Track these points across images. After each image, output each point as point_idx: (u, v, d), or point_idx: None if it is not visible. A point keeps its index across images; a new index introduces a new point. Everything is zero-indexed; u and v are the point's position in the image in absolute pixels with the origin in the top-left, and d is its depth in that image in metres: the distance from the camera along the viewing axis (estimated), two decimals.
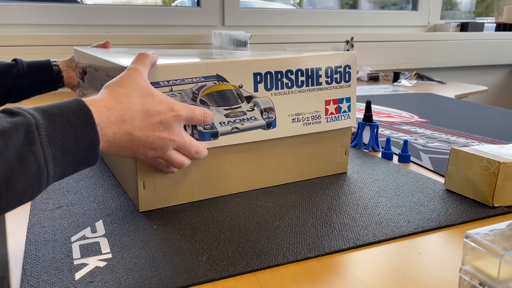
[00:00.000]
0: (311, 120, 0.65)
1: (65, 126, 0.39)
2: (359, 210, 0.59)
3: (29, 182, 0.37)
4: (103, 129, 0.43)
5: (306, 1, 2.35)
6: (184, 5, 2.07)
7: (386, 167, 0.76)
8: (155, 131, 0.47)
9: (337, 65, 0.66)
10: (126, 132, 0.45)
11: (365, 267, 0.46)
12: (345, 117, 0.69)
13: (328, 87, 0.66)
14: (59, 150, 0.39)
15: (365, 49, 1.96)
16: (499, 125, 1.09)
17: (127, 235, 0.52)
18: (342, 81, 0.67)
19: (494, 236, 0.39)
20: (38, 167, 0.37)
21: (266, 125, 0.61)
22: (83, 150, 0.41)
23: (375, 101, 1.37)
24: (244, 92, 0.59)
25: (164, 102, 0.49)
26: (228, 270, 0.44)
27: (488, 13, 2.88)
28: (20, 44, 1.41)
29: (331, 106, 0.67)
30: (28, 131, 0.37)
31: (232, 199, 0.62)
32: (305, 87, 0.64)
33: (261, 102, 0.60)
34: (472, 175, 0.61)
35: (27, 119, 0.37)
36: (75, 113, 0.40)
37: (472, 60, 2.26)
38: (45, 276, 0.43)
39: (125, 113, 0.45)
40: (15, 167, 0.36)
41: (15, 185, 0.36)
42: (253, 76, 0.59)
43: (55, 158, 0.39)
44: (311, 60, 0.64)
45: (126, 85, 0.47)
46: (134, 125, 0.46)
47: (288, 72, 0.62)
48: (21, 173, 0.36)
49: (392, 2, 2.35)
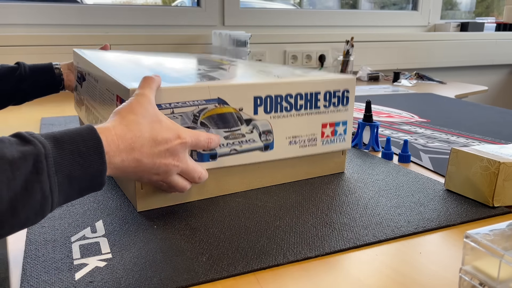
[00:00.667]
0: (307, 142, 0.67)
1: (74, 154, 0.40)
2: (359, 210, 0.59)
3: (33, 210, 0.38)
4: (112, 158, 0.44)
5: (306, 1, 2.36)
6: (184, 5, 2.07)
7: (386, 167, 0.76)
8: (161, 158, 0.49)
9: (336, 89, 0.67)
10: (135, 159, 0.47)
11: (365, 267, 0.46)
12: (341, 140, 0.70)
13: (326, 111, 0.67)
14: (65, 178, 0.40)
15: (365, 49, 1.96)
16: (499, 125, 1.09)
17: (127, 235, 0.52)
18: (339, 105, 0.68)
19: (494, 236, 0.39)
20: (43, 196, 0.38)
21: (264, 147, 0.63)
22: (89, 178, 0.42)
23: (375, 101, 1.37)
24: (244, 115, 0.60)
25: (171, 129, 0.50)
26: (228, 270, 0.44)
27: (488, 13, 2.88)
28: (20, 44, 1.41)
29: (328, 129, 0.68)
30: (36, 161, 0.38)
31: (232, 199, 0.62)
32: (304, 110, 0.65)
33: (260, 125, 0.61)
34: (472, 175, 0.61)
35: (37, 149, 0.38)
36: (85, 141, 0.41)
37: (472, 60, 2.26)
38: (45, 276, 0.43)
39: (135, 140, 0.47)
40: (20, 196, 0.36)
41: (20, 213, 0.37)
42: (253, 99, 0.60)
43: (60, 186, 0.39)
44: (311, 84, 0.65)
45: (136, 112, 0.48)
46: (142, 152, 0.47)
47: (288, 96, 0.63)
48: (26, 202, 0.37)
49: (392, 2, 2.35)
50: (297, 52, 1.85)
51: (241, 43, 1.54)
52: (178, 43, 1.65)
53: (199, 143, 0.53)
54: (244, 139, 0.60)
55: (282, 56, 1.83)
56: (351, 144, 0.87)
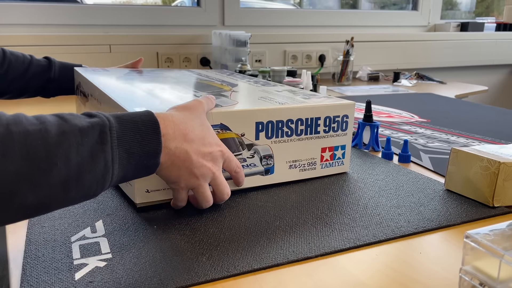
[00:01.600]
0: (307, 166, 0.68)
1: (134, 132, 0.43)
2: (359, 210, 0.59)
3: (96, 178, 0.40)
4: (167, 141, 0.46)
5: (306, 1, 2.36)
6: (184, 5, 2.07)
7: (386, 167, 0.76)
8: (204, 160, 0.51)
9: (335, 115, 0.68)
10: (185, 151, 0.49)
11: (365, 267, 0.46)
12: (339, 164, 0.71)
13: (326, 136, 0.68)
14: (125, 152, 0.42)
15: (365, 49, 1.96)
16: (499, 125, 1.09)
17: (127, 235, 0.52)
18: (339, 130, 0.69)
19: (494, 236, 0.39)
20: (106, 165, 0.40)
21: (264, 171, 0.64)
22: (145, 156, 0.44)
23: (375, 101, 1.37)
24: (245, 140, 0.61)
25: (215, 138, 0.54)
26: (228, 270, 0.44)
27: (488, 13, 2.88)
28: (20, 44, 1.41)
29: (327, 153, 0.69)
30: (102, 132, 0.40)
31: (232, 199, 0.62)
32: (304, 135, 0.66)
33: (261, 149, 0.62)
34: (472, 175, 0.61)
35: (102, 120, 0.41)
36: (144, 122, 0.44)
37: (472, 60, 2.26)
38: (45, 276, 0.43)
39: (188, 133, 0.49)
40: (86, 163, 0.39)
41: (84, 179, 0.39)
42: (255, 125, 0.61)
43: (121, 159, 0.42)
44: (312, 110, 0.65)
45: (191, 111, 0.52)
46: (192, 146, 0.50)
47: (289, 122, 0.64)
48: (91, 169, 0.39)
49: (392, 2, 2.35)
50: (297, 52, 1.85)
51: (241, 43, 1.54)
52: (178, 43, 1.65)
53: (232, 161, 0.56)
54: (245, 163, 0.61)
55: (282, 56, 1.83)
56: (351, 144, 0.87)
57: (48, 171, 0.36)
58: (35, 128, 0.37)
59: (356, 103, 1.36)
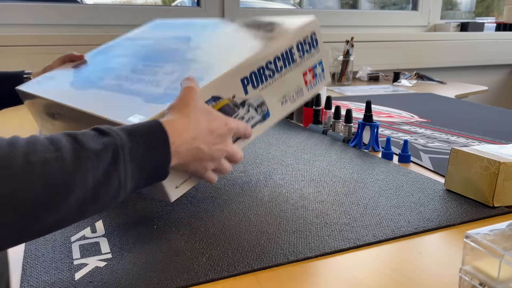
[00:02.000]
0: (296, 96, 0.69)
1: (145, 146, 0.45)
2: (359, 210, 0.59)
3: (110, 196, 0.41)
4: (177, 147, 0.48)
5: (306, 1, 2.36)
6: (184, 5, 2.07)
7: (386, 167, 0.76)
8: (216, 145, 0.53)
9: (304, 37, 0.69)
10: (195, 147, 0.50)
11: (365, 267, 0.46)
12: (321, 79, 0.73)
13: (302, 60, 0.69)
14: (137, 167, 0.44)
15: (365, 49, 1.96)
16: (499, 125, 1.09)
17: (127, 235, 0.52)
18: (312, 49, 0.70)
19: (494, 236, 0.39)
20: (119, 183, 0.42)
21: (261, 118, 0.64)
22: (156, 168, 0.46)
23: (375, 101, 1.37)
24: (238, 99, 0.61)
25: (219, 117, 0.54)
26: (228, 270, 0.44)
27: (488, 13, 2.88)
28: (20, 44, 1.41)
29: (308, 76, 0.71)
30: (115, 151, 0.42)
31: (232, 199, 0.62)
32: (284, 69, 0.67)
33: (254, 101, 0.63)
34: (472, 175, 0.61)
35: (115, 140, 0.43)
36: (154, 134, 0.46)
37: (472, 60, 2.26)
38: (45, 276, 0.43)
39: (195, 131, 0.51)
40: (101, 184, 0.40)
41: (100, 199, 0.41)
42: (241, 82, 0.61)
43: (133, 173, 0.43)
44: (283, 42, 0.66)
45: (190, 105, 0.52)
46: (201, 140, 0.51)
47: (268, 64, 0.64)
48: (106, 189, 0.41)
49: (392, 2, 2.35)
50: None
51: None
52: None
53: (239, 129, 0.57)
54: (243, 121, 0.62)
55: None
56: (351, 144, 0.87)
57: (66, 197, 0.38)
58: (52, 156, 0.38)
59: (356, 103, 1.36)
